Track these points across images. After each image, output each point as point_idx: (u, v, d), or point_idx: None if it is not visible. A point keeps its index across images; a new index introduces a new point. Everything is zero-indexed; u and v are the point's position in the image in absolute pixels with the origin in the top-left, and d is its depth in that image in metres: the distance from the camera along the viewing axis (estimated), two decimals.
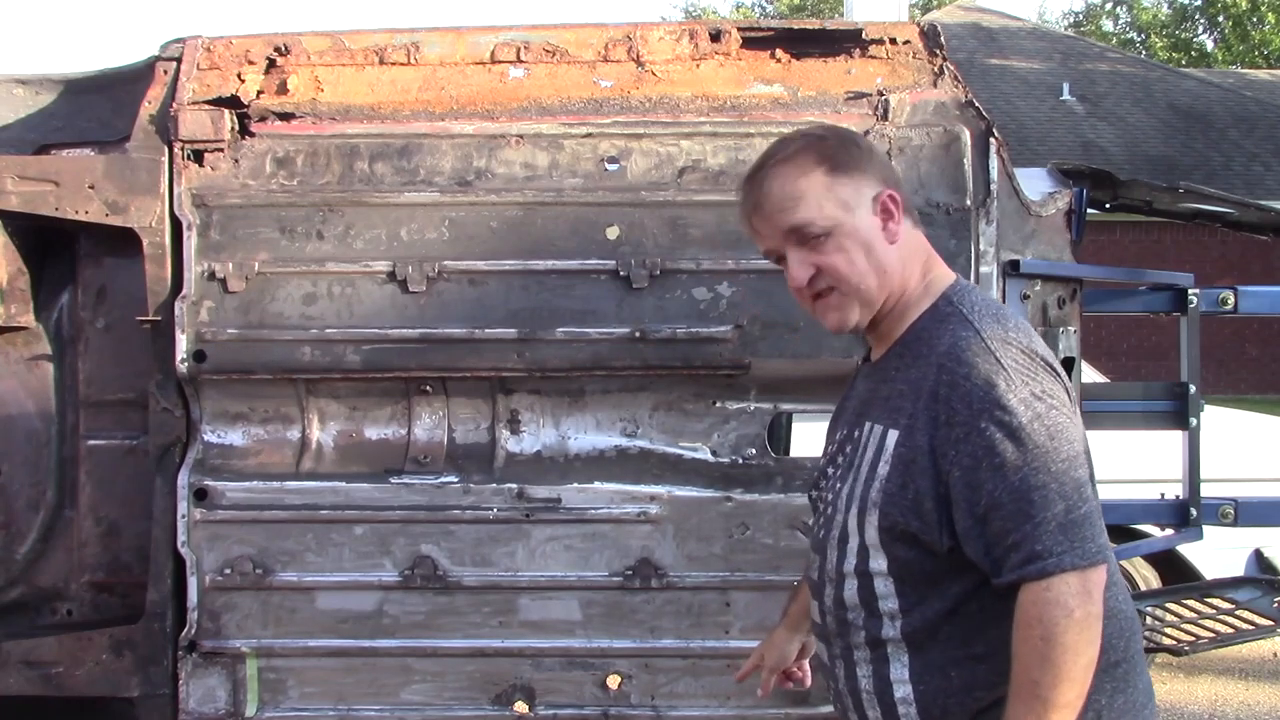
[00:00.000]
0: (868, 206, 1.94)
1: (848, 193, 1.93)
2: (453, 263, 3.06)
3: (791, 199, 1.93)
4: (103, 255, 3.27)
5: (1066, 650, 1.77)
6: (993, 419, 1.81)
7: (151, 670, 3.09)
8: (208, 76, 3.12)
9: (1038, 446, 1.80)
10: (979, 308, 1.95)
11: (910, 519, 1.87)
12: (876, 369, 2.04)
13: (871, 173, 1.96)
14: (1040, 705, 1.77)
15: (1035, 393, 1.84)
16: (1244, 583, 4.43)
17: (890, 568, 1.90)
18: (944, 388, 1.85)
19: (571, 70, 3.15)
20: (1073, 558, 1.77)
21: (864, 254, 1.93)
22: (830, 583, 2.00)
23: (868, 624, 1.94)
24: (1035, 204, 3.25)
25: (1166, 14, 34.38)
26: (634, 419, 3.14)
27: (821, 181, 1.93)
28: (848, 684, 2.00)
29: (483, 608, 3.07)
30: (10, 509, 3.26)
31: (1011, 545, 1.79)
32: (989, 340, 1.87)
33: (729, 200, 3.05)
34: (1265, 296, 3.99)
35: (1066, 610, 1.77)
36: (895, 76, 3.14)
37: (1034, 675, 1.77)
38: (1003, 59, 20.73)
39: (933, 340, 1.92)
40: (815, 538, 2.07)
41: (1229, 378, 16.74)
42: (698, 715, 3.09)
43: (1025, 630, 1.79)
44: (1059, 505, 1.79)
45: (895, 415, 1.91)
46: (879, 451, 1.92)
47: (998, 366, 1.84)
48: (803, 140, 2.00)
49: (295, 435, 3.15)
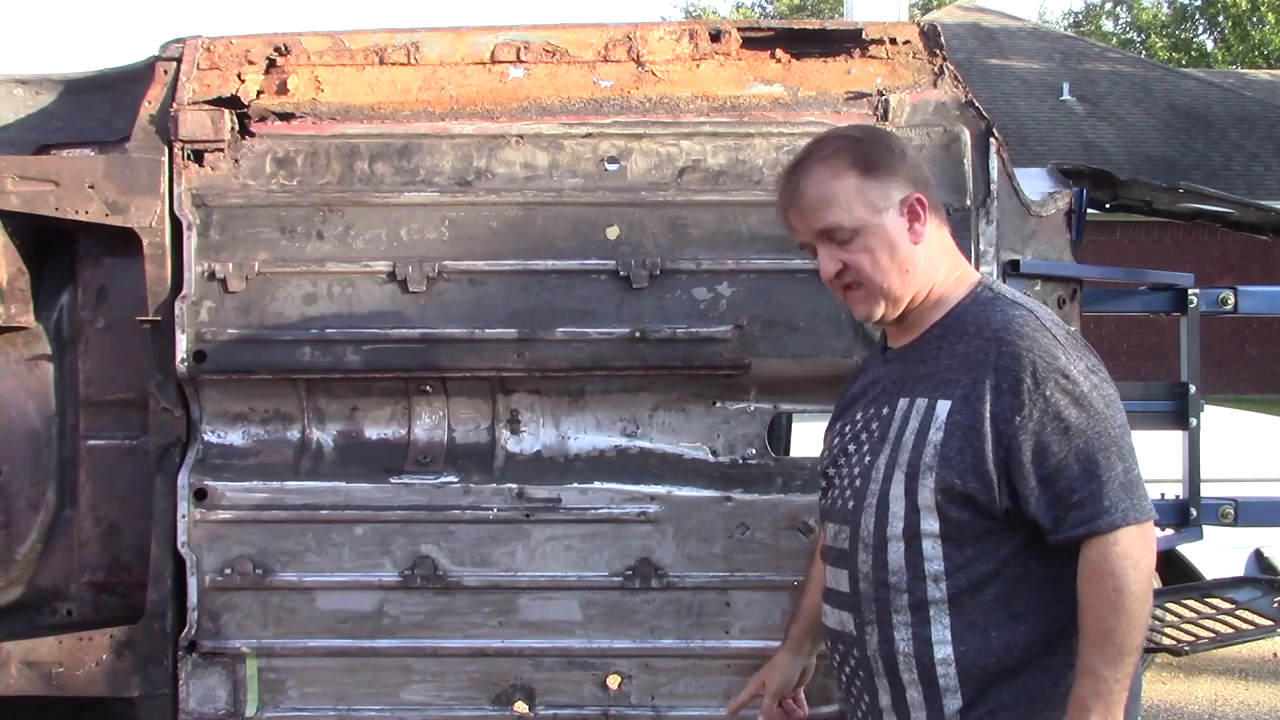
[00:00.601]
0: (895, 208, 2.07)
1: (877, 195, 2.06)
2: (453, 263, 3.06)
3: (824, 200, 2.06)
4: (103, 255, 3.27)
5: (1137, 598, 1.92)
6: (1059, 386, 1.96)
7: (151, 670, 3.09)
8: (208, 76, 3.12)
9: (1099, 413, 1.97)
10: (1019, 295, 2.14)
11: (969, 481, 1.99)
12: (909, 352, 2.15)
13: (902, 175, 2.09)
14: (1116, 651, 1.91)
15: (1090, 365, 2.02)
16: (1244, 583, 4.43)
17: (942, 529, 2.01)
18: (1006, 359, 1.99)
19: (571, 70, 3.16)
20: (1135, 513, 1.93)
21: (888, 253, 2.07)
22: (867, 548, 2.08)
23: (911, 586, 2.03)
24: (1035, 204, 3.25)
25: (1166, 14, 34.39)
26: (634, 419, 3.15)
27: (853, 184, 2.06)
28: (882, 648, 2.06)
29: (483, 608, 3.07)
30: (10, 509, 3.26)
31: (1076, 503, 1.94)
32: (1043, 319, 2.05)
33: (729, 200, 3.07)
34: (1265, 296, 3.99)
35: (1134, 561, 1.92)
36: (895, 76, 3.14)
37: (1108, 624, 1.91)
38: (1003, 59, 20.74)
39: (981, 320, 2.06)
40: (837, 509, 2.17)
41: (1229, 378, 16.75)
42: (698, 715, 3.09)
43: (1098, 582, 1.93)
44: (1119, 466, 1.95)
45: (946, 387, 2.03)
46: (927, 420, 2.03)
47: (1055, 341, 2.01)
48: (839, 141, 2.12)
49: (295, 435, 3.15)
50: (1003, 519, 1.99)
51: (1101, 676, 1.91)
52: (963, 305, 2.11)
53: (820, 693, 3.03)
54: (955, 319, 2.10)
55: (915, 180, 2.11)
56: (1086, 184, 3.53)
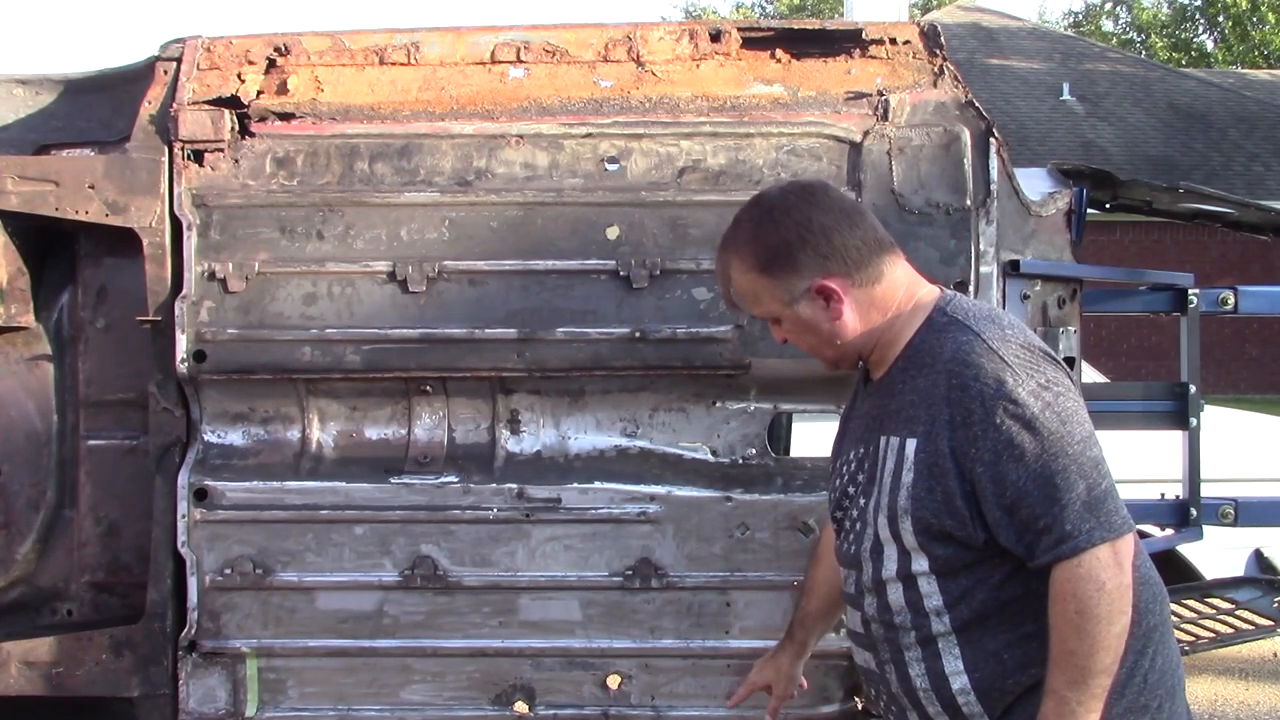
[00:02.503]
0: (804, 298, 2.08)
1: (781, 291, 2.09)
2: (453, 263, 3.06)
3: (744, 296, 2.13)
4: (103, 255, 3.27)
5: (1099, 621, 1.88)
6: (1007, 413, 1.92)
7: (151, 670, 3.09)
8: (208, 76, 3.12)
9: (1052, 433, 1.91)
10: (973, 313, 2.07)
11: (944, 518, 1.97)
12: (881, 386, 2.13)
13: (803, 263, 2.07)
14: (1078, 673, 1.88)
15: (1041, 383, 1.95)
16: (1244, 583, 4.44)
17: (932, 565, 2.00)
18: (955, 391, 1.96)
19: (571, 70, 3.15)
20: (1101, 532, 1.89)
21: (812, 334, 2.11)
22: (870, 592, 2.09)
23: (916, 624, 2.03)
24: (1035, 204, 3.25)
25: (1166, 14, 34.38)
26: (634, 419, 3.14)
27: (762, 283, 2.09)
28: (901, 685, 2.07)
29: (483, 608, 3.07)
30: (10, 509, 3.26)
31: (1042, 529, 1.90)
32: (990, 340, 1.98)
33: (729, 200, 3.06)
34: (1265, 296, 3.99)
35: (1099, 584, 1.88)
36: (895, 76, 3.14)
37: (1070, 646, 1.89)
38: (1003, 59, 20.73)
39: (935, 349, 2.02)
40: (845, 554, 2.18)
41: (1229, 378, 16.74)
42: (698, 715, 3.09)
43: (1060, 605, 1.90)
44: (1080, 485, 1.90)
45: (911, 424, 2.02)
46: (900, 461, 2.02)
47: (1003, 364, 1.95)
48: (744, 233, 2.12)
49: (295, 435, 3.15)
50: (984, 549, 1.98)
51: (1064, 698, 1.89)
52: (919, 334, 2.07)
53: (820, 693, 3.03)
54: (914, 350, 2.06)
55: (822, 258, 2.05)
56: (1086, 184, 3.53)
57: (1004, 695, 2.00)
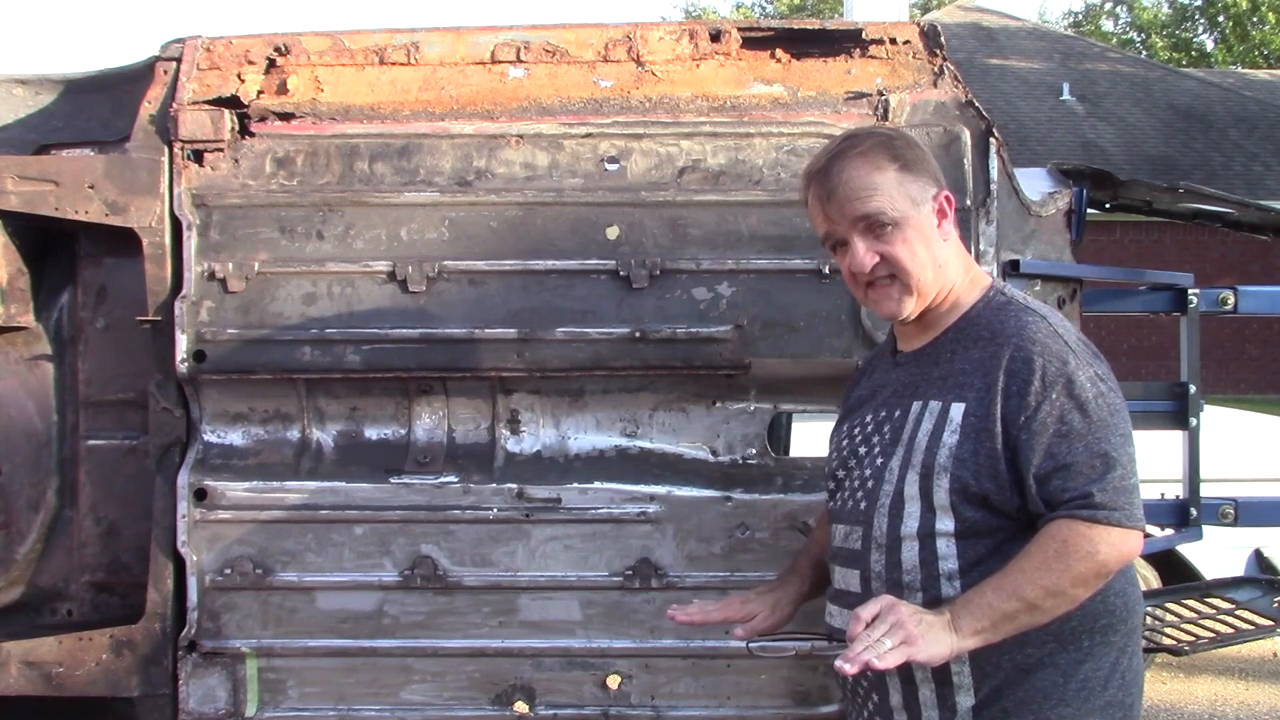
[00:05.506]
0: (929, 204, 2.13)
1: (915, 189, 2.11)
2: (453, 263, 3.06)
3: (867, 189, 2.09)
4: (103, 255, 3.27)
5: (1068, 573, 1.91)
6: (1065, 391, 2.00)
7: (151, 670, 3.09)
8: (208, 76, 3.12)
9: (1100, 420, 2.00)
10: (1031, 300, 2.18)
11: (984, 481, 2.02)
12: (922, 355, 2.19)
13: (933, 173, 2.16)
14: (1011, 595, 1.90)
15: (1098, 373, 2.06)
16: (1244, 583, 4.43)
17: (956, 528, 2.04)
18: (1017, 363, 2.03)
19: (571, 70, 3.15)
20: (1121, 516, 1.95)
21: (925, 247, 2.12)
22: (880, 548, 2.10)
23: (926, 585, 2.05)
24: (1035, 204, 3.25)
25: (1166, 14, 34.40)
26: (634, 419, 3.15)
27: (894, 177, 2.10)
28: None
29: (483, 608, 3.07)
30: (10, 509, 3.26)
31: (1070, 499, 1.96)
32: (1055, 325, 2.09)
33: (729, 200, 3.07)
34: (1265, 296, 3.99)
35: (1092, 551, 1.92)
36: (895, 76, 3.14)
37: (1026, 568, 1.92)
38: (1003, 59, 20.75)
39: (996, 324, 2.10)
40: (848, 510, 2.19)
41: (1229, 378, 16.76)
42: (698, 715, 3.09)
43: (1045, 540, 1.94)
44: (1118, 470, 1.97)
45: (960, 390, 2.07)
46: (941, 423, 2.06)
47: (1067, 348, 2.05)
48: (875, 138, 2.17)
49: (295, 435, 3.15)
50: (1015, 517, 2.02)
51: (983, 604, 1.90)
52: (976, 309, 2.15)
53: (820, 693, 3.03)
54: (969, 323, 2.13)
55: (940, 180, 2.18)
56: (1086, 184, 3.53)
57: (996, 670, 2.01)
